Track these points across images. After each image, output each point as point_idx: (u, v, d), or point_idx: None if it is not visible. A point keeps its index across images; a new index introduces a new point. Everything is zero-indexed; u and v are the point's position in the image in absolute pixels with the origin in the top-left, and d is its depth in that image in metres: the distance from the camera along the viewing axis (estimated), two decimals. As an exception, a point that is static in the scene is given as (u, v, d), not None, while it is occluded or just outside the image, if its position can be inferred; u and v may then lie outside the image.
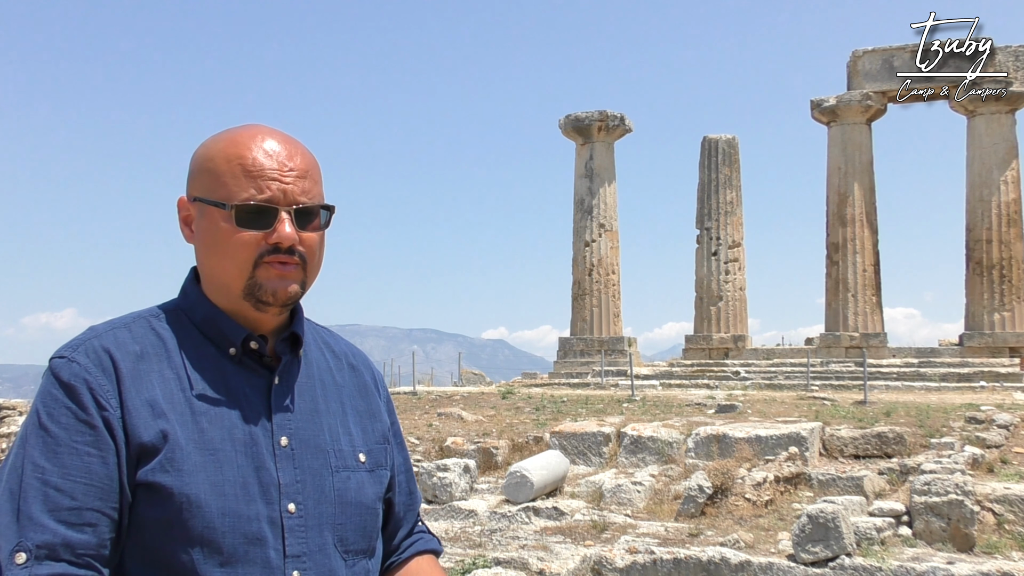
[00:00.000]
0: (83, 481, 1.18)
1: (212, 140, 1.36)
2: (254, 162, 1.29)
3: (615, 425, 13.19)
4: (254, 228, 1.29)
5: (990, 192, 21.70)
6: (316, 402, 1.39)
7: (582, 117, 24.69)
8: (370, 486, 1.40)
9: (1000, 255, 21.50)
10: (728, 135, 24.13)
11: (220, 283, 1.33)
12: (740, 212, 23.82)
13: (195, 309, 1.35)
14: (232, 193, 1.29)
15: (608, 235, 24.71)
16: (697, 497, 9.82)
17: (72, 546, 1.16)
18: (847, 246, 22.37)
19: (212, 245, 1.31)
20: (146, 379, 1.26)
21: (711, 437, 11.87)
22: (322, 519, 1.32)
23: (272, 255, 1.29)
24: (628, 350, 23.19)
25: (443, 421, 15.05)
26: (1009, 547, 8.24)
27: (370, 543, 1.39)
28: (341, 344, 1.53)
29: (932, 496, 8.49)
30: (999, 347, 20.97)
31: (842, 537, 7.46)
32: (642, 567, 7.77)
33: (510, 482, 10.31)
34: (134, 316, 1.35)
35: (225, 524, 1.22)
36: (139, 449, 1.22)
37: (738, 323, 23.35)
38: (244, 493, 1.25)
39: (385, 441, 1.47)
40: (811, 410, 14.18)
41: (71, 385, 1.22)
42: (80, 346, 1.26)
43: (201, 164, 1.34)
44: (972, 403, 14.56)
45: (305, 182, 1.32)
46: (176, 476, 1.21)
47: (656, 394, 18.20)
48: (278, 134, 1.34)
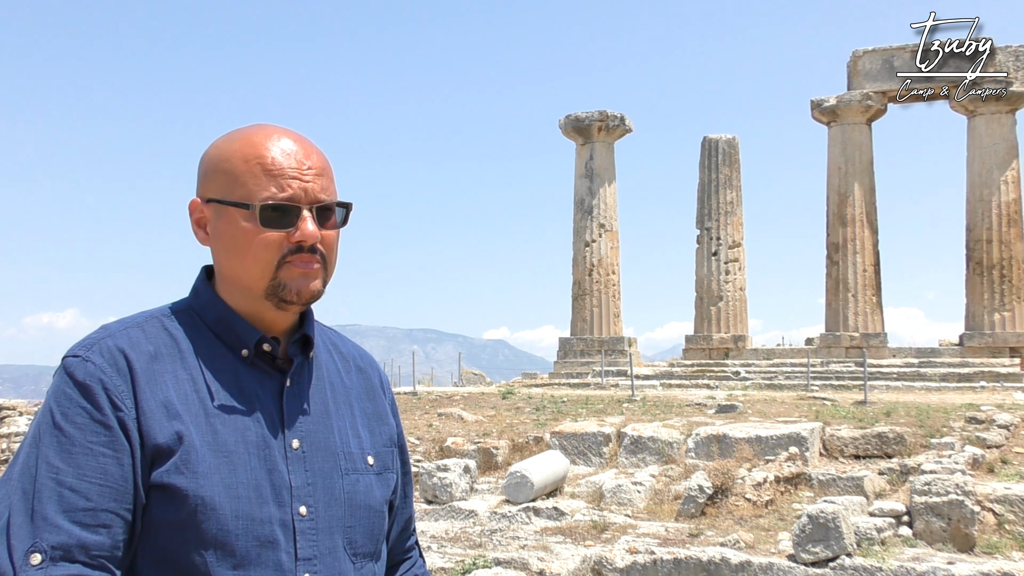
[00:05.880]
0: (98, 482, 1.18)
1: (224, 141, 1.35)
2: (273, 161, 1.29)
3: (615, 425, 13.20)
4: (277, 228, 1.28)
5: (990, 192, 21.70)
6: (326, 404, 1.39)
7: (582, 117, 24.69)
8: (378, 489, 1.40)
9: (1000, 255, 21.50)
10: (728, 135, 24.13)
11: (241, 284, 1.32)
12: (740, 212, 23.82)
13: (207, 309, 1.35)
14: (252, 193, 1.28)
15: (608, 235, 24.71)
16: (697, 497, 9.83)
17: (87, 547, 1.16)
18: (847, 246, 22.38)
19: (233, 246, 1.31)
20: (160, 380, 1.26)
21: (711, 437, 11.87)
22: (332, 522, 1.32)
23: (295, 254, 1.29)
24: (628, 350, 23.19)
25: (443, 421, 15.06)
26: (1009, 547, 8.24)
27: (377, 546, 1.39)
28: (348, 346, 1.53)
29: (932, 496, 8.50)
30: (999, 347, 20.97)
31: (842, 537, 7.47)
32: (642, 567, 7.78)
33: (510, 482, 10.32)
34: (146, 315, 1.34)
35: (238, 526, 1.23)
36: (154, 450, 1.22)
37: (738, 323, 23.35)
38: (257, 495, 1.25)
39: (392, 444, 1.48)
40: (811, 410, 14.18)
41: (86, 385, 1.21)
42: (94, 345, 1.26)
43: (216, 165, 1.33)
44: (972, 403, 14.56)
45: (323, 180, 1.32)
46: (191, 478, 1.21)
47: (656, 394, 18.21)
48: (292, 133, 1.34)
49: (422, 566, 1.61)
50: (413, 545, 1.60)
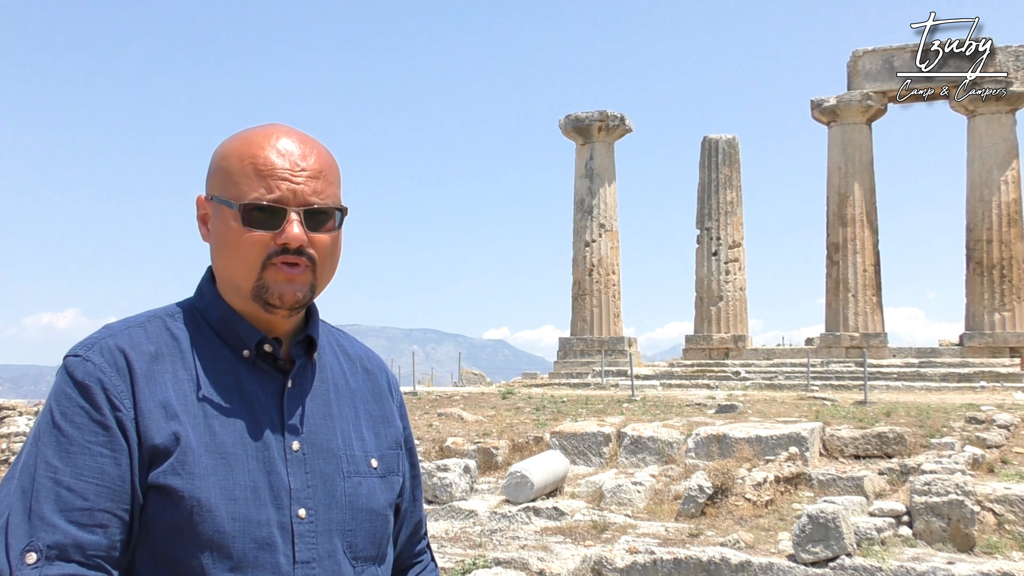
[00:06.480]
0: (95, 482, 1.18)
1: (231, 139, 1.35)
2: (265, 161, 1.29)
3: (615, 425, 13.20)
4: (262, 228, 1.28)
5: (990, 192, 21.69)
6: (329, 406, 1.38)
7: (582, 117, 24.69)
8: (381, 492, 1.39)
9: (1000, 255, 21.50)
10: (728, 135, 24.13)
11: (231, 283, 1.32)
12: (740, 212, 23.82)
13: (210, 309, 1.35)
14: (242, 192, 1.28)
15: (608, 235, 24.71)
16: (697, 497, 9.83)
17: (83, 547, 1.16)
18: (847, 246, 22.38)
19: (223, 244, 1.31)
20: (160, 380, 1.25)
21: (711, 437, 11.87)
22: (332, 525, 1.31)
23: (280, 256, 1.28)
24: (628, 350, 23.19)
25: (443, 421, 15.06)
26: (1009, 547, 8.24)
27: (380, 550, 1.38)
28: (356, 347, 1.52)
29: (932, 496, 8.50)
30: (999, 347, 20.96)
31: (842, 537, 7.47)
32: (642, 567, 7.77)
33: (510, 482, 10.31)
34: (149, 315, 1.34)
35: (235, 528, 1.22)
36: (151, 451, 1.21)
37: (738, 323, 23.35)
38: (255, 497, 1.25)
39: (398, 447, 1.46)
40: (811, 410, 14.18)
41: (85, 384, 1.21)
42: (95, 345, 1.26)
43: (217, 163, 1.33)
44: (972, 403, 14.56)
45: (318, 182, 1.31)
46: (187, 479, 1.21)
47: (656, 394, 18.20)
48: (295, 133, 1.33)
49: (434, 570, 1.59)
50: (424, 549, 1.58)
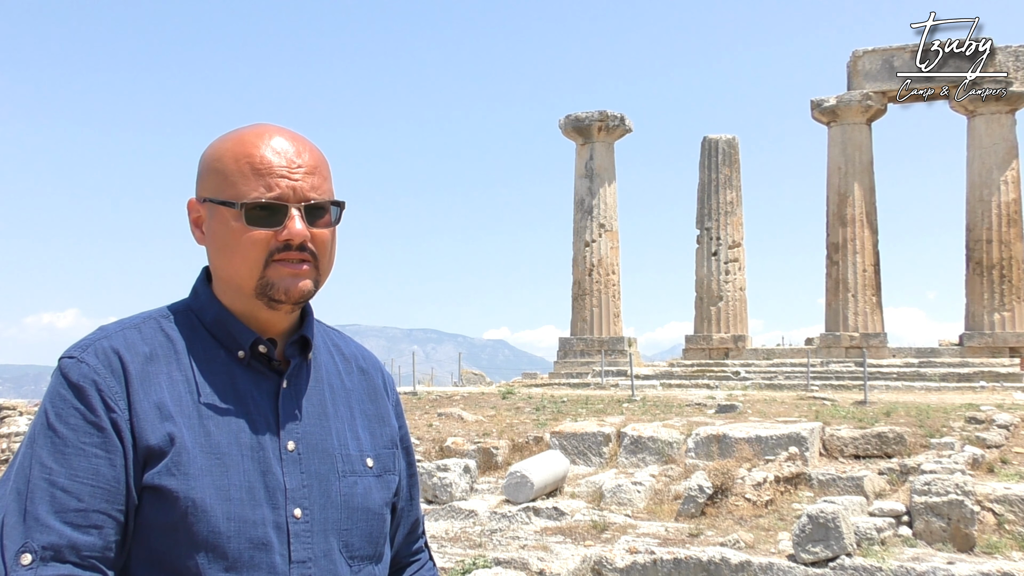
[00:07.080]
0: (90, 483, 1.18)
1: (220, 140, 1.35)
2: (262, 160, 1.29)
3: (615, 425, 13.20)
4: (264, 226, 1.28)
5: (990, 192, 21.70)
6: (324, 406, 1.38)
7: (582, 117, 24.69)
8: (377, 491, 1.39)
9: (1000, 255, 21.50)
10: (728, 135, 24.13)
11: (232, 283, 1.32)
12: (740, 212, 23.82)
13: (205, 310, 1.35)
14: (241, 192, 1.29)
15: (608, 235, 24.71)
16: (697, 497, 9.82)
17: (78, 548, 1.16)
18: (847, 246, 22.38)
19: (223, 245, 1.31)
20: (155, 381, 1.26)
21: (711, 437, 11.87)
22: (328, 524, 1.31)
23: (283, 252, 1.29)
24: (628, 350, 23.19)
25: (443, 421, 15.06)
26: (1009, 547, 8.24)
27: (376, 549, 1.38)
28: (351, 346, 1.52)
29: (932, 496, 8.49)
30: (999, 347, 20.97)
31: (842, 537, 7.47)
32: (642, 567, 7.77)
33: (510, 482, 10.31)
34: (144, 316, 1.34)
35: (230, 529, 1.22)
36: (146, 452, 1.22)
37: (738, 323, 23.35)
38: (250, 498, 1.25)
39: (394, 446, 1.47)
40: (811, 410, 14.18)
41: (80, 386, 1.22)
42: (90, 346, 1.26)
43: (210, 164, 1.34)
44: (972, 403, 14.56)
45: (314, 178, 1.32)
46: (182, 480, 1.21)
47: (656, 394, 18.20)
48: (286, 132, 1.34)
49: (431, 568, 1.59)
50: (422, 547, 1.59)
